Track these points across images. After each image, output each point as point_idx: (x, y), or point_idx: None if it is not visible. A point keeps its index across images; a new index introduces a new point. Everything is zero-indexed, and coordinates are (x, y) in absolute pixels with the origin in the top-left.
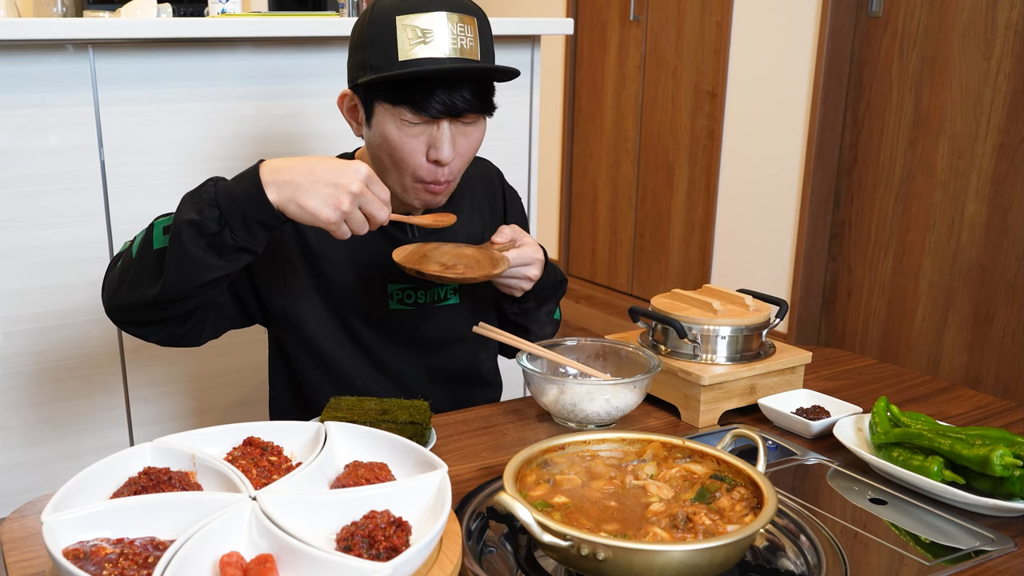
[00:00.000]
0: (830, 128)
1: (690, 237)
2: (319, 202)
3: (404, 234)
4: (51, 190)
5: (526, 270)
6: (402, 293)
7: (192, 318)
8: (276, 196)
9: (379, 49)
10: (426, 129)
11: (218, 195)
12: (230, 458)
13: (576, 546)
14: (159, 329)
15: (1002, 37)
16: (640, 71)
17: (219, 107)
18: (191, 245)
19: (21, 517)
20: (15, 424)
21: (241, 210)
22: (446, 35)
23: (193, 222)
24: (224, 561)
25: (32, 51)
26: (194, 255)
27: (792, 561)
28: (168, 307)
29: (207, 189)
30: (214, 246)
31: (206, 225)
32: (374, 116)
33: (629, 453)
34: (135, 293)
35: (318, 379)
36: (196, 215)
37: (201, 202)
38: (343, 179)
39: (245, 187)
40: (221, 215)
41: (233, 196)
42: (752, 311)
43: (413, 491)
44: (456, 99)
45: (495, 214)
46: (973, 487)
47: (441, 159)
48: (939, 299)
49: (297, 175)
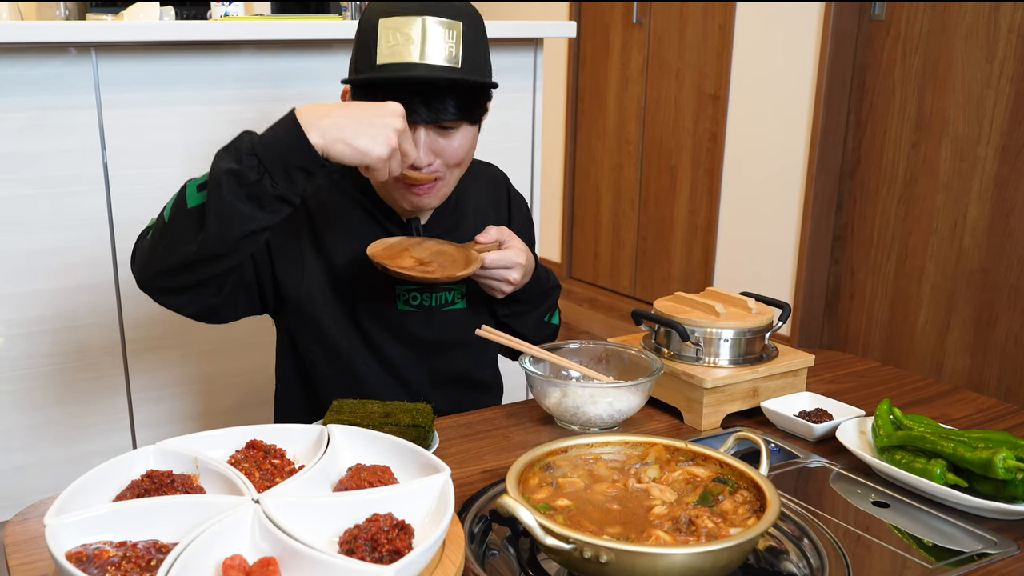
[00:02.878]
0: (833, 131)
1: (693, 240)
2: (369, 140)
3: (409, 232)
4: (54, 193)
5: (506, 273)
6: (407, 295)
7: (225, 288)
8: (320, 139)
9: (363, 50)
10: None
11: (255, 144)
12: (233, 461)
13: (579, 549)
14: (194, 297)
15: (1005, 40)
16: (643, 74)
17: (221, 110)
18: (230, 196)
19: (24, 520)
20: (18, 427)
21: (282, 157)
22: (426, 40)
23: (232, 171)
24: (227, 564)
25: (35, 54)
26: (234, 205)
27: (795, 564)
28: (206, 266)
29: (243, 140)
30: (254, 196)
31: (245, 174)
32: None
33: (632, 456)
34: (172, 255)
35: (327, 371)
36: (235, 163)
37: (240, 151)
38: (387, 117)
39: (284, 134)
40: (260, 163)
41: (272, 144)
42: (755, 314)
43: (416, 494)
44: (430, 106)
45: (500, 218)
46: (976, 490)
47: (416, 162)
48: (942, 302)
49: (340, 117)
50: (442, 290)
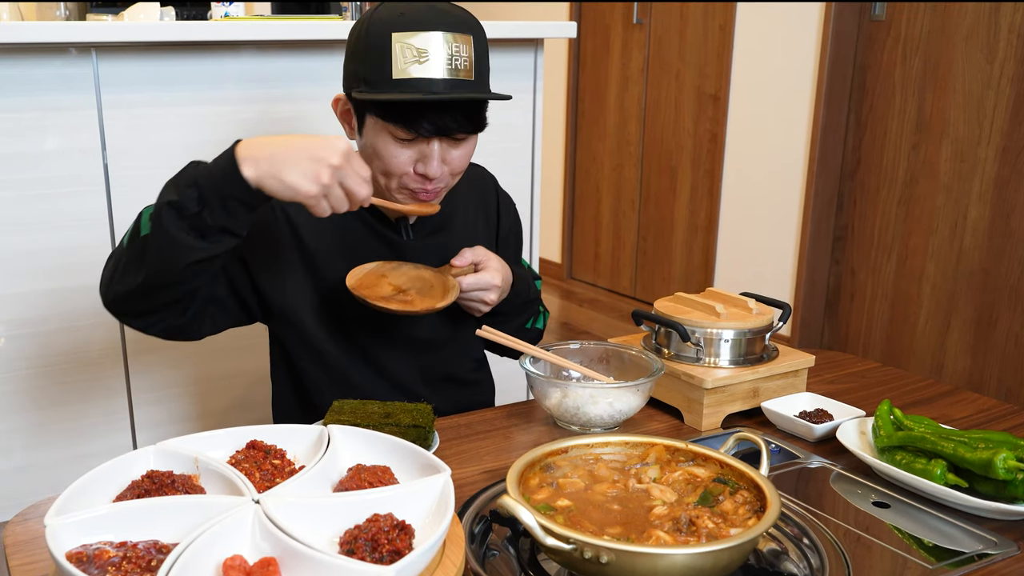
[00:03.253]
0: (833, 131)
1: (693, 240)
2: (299, 175)
3: (397, 234)
4: (54, 193)
5: (483, 295)
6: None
7: (190, 308)
8: (253, 172)
9: (373, 64)
10: (416, 144)
11: (197, 176)
12: (233, 461)
13: (579, 549)
14: (157, 320)
15: (1005, 41)
16: (643, 74)
17: (222, 110)
18: (172, 227)
19: (24, 520)
20: (18, 427)
21: (219, 190)
22: (441, 55)
23: (172, 203)
24: (227, 564)
25: (35, 55)
26: (175, 237)
27: (795, 564)
28: (158, 293)
29: (187, 171)
30: (195, 227)
31: (185, 205)
32: (365, 126)
33: (632, 456)
34: (126, 281)
35: (318, 377)
36: (175, 196)
37: (180, 183)
38: (323, 152)
39: (222, 166)
40: (200, 195)
41: (211, 175)
42: (755, 314)
43: (416, 494)
44: (448, 121)
45: (488, 220)
46: (976, 490)
47: (429, 174)
48: (942, 303)
49: (276, 149)
50: None
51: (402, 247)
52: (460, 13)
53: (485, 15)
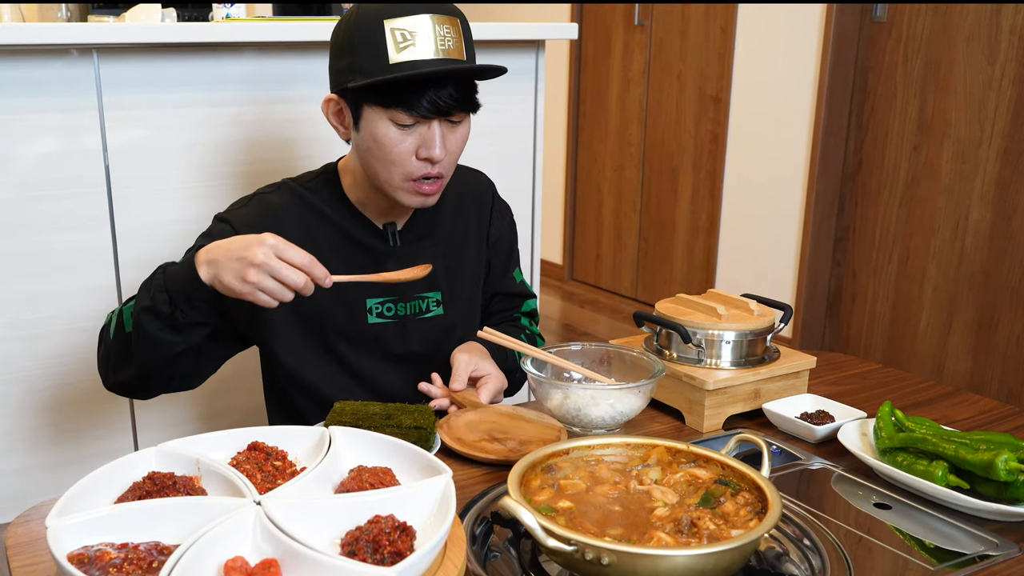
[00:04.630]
0: (834, 133)
1: (694, 242)
2: (230, 276)
3: (384, 241)
4: (55, 195)
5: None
6: (382, 306)
7: (186, 376)
8: (205, 274)
9: (367, 53)
10: (417, 129)
11: (166, 281)
12: (234, 463)
13: (580, 551)
14: (161, 391)
15: (1006, 42)
16: (644, 76)
17: (223, 112)
18: (150, 328)
19: (26, 522)
20: (20, 429)
21: (184, 292)
22: (431, 37)
23: (148, 308)
24: (228, 566)
25: (37, 56)
26: (156, 336)
27: (796, 566)
28: (152, 379)
29: (156, 277)
30: (171, 326)
31: (159, 309)
32: (362, 119)
33: (633, 458)
34: (120, 372)
35: (302, 401)
36: (150, 302)
37: (152, 289)
38: (247, 252)
39: (185, 271)
40: (170, 299)
41: (177, 280)
42: (756, 316)
43: (417, 496)
44: (446, 98)
45: (480, 226)
46: (977, 492)
47: (433, 157)
48: (943, 304)
49: (217, 254)
50: (416, 298)
51: (385, 255)
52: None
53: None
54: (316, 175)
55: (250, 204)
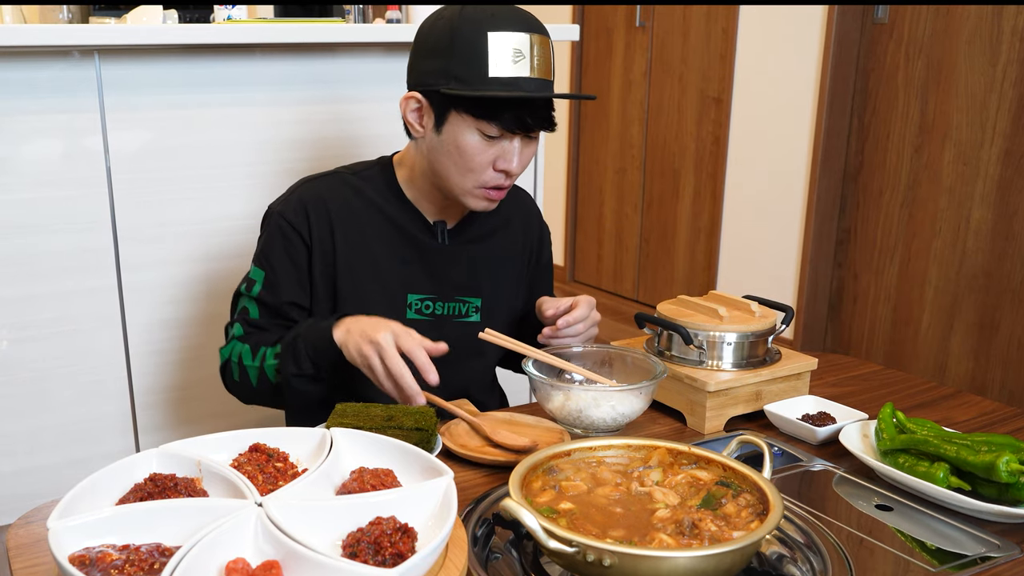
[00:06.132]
0: (836, 134)
1: (696, 243)
2: (352, 347)
3: (432, 237)
4: (57, 196)
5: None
6: (421, 303)
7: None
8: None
9: (467, 61)
10: (500, 142)
11: (307, 350)
12: (236, 464)
13: (582, 552)
14: None
15: (1008, 43)
16: (646, 77)
17: (224, 113)
18: (300, 387)
19: (27, 523)
20: (21, 430)
21: (325, 355)
22: (532, 55)
23: (296, 375)
24: (230, 567)
25: (38, 57)
26: (305, 391)
27: (798, 567)
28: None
29: (299, 347)
30: (316, 381)
31: (305, 374)
32: (447, 123)
33: (635, 459)
34: (265, 402)
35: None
36: (296, 370)
37: (299, 358)
38: (373, 331)
39: (325, 341)
40: (314, 364)
41: (319, 350)
42: (758, 317)
43: (419, 497)
44: (537, 119)
45: (527, 245)
46: (979, 493)
47: (511, 170)
48: (945, 305)
49: (353, 324)
50: (456, 300)
51: (431, 251)
52: (537, 18)
53: None
54: (370, 165)
55: (296, 191)
